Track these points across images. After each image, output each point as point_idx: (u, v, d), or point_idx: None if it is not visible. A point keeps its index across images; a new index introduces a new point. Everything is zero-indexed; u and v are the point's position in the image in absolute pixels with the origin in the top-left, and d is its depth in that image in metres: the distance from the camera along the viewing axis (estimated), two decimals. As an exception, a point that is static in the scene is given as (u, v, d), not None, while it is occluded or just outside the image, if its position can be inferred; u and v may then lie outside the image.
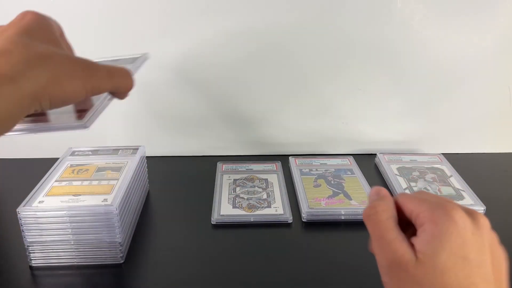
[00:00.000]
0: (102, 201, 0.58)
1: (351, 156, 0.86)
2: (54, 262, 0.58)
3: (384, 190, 0.38)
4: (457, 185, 0.76)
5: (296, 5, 0.78)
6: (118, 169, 0.66)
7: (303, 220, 0.68)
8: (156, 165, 0.84)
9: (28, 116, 0.32)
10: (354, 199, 0.71)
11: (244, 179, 0.78)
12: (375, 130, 0.90)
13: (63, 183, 0.62)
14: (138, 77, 0.83)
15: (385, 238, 0.34)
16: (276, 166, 0.83)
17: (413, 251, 0.32)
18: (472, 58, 0.83)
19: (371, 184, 0.76)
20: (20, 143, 0.88)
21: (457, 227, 0.31)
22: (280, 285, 0.56)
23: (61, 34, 0.38)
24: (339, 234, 0.66)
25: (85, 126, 0.36)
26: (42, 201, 0.57)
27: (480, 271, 0.30)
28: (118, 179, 0.63)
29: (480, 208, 0.70)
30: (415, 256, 0.32)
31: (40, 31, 0.34)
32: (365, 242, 0.64)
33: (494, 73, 0.86)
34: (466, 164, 0.84)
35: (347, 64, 0.84)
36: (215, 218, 0.67)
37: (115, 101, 0.42)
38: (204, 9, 0.79)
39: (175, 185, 0.80)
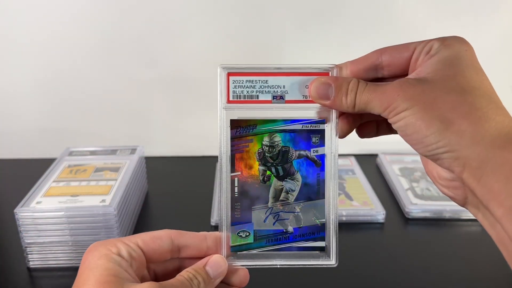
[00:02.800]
0: (100, 202, 0.57)
1: (352, 156, 0.85)
2: (52, 263, 0.57)
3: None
4: (459, 186, 0.75)
5: (296, 7, 0.78)
6: (116, 170, 0.66)
7: (304, 221, 0.68)
8: (155, 165, 0.83)
9: None
10: (356, 199, 0.71)
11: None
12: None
13: (61, 184, 0.62)
14: (137, 76, 0.83)
15: (370, 85, 0.32)
16: (277, 166, 0.82)
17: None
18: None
19: (372, 184, 0.75)
20: (17, 144, 0.88)
21: (470, 46, 0.32)
22: (282, 286, 0.55)
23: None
24: (340, 235, 0.65)
25: None
26: (40, 202, 0.57)
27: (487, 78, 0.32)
28: (116, 180, 0.63)
29: (483, 208, 0.69)
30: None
31: None
32: (367, 244, 0.64)
33: (496, 73, 0.85)
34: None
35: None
36: (214, 219, 0.67)
37: (112, 100, 0.40)
38: (208, 10, 0.78)
39: (174, 185, 0.79)
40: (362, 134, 0.38)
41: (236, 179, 0.35)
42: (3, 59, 0.81)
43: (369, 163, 0.85)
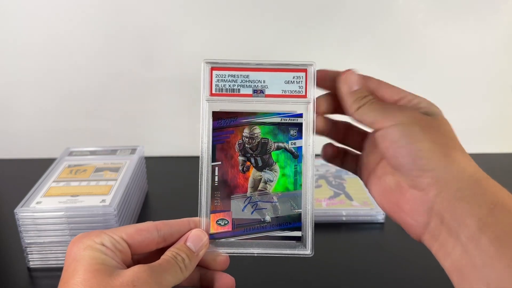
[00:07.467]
0: (100, 202, 0.57)
1: (352, 156, 0.85)
2: (52, 263, 0.57)
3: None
4: (459, 186, 0.75)
5: (296, 7, 0.78)
6: (116, 170, 0.66)
7: (304, 221, 0.68)
8: (155, 165, 0.83)
9: None
10: (356, 199, 0.71)
11: (244, 180, 0.77)
12: (376, 130, 0.89)
13: (61, 184, 0.62)
14: (137, 76, 0.83)
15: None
16: (277, 166, 0.82)
17: None
18: (475, 57, 0.83)
19: (372, 184, 0.75)
20: (17, 144, 0.88)
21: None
22: (281, 286, 0.55)
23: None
24: (341, 236, 0.65)
25: None
26: (40, 202, 0.57)
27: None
28: (116, 180, 0.63)
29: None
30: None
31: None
32: (367, 244, 0.64)
33: (497, 72, 0.85)
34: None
35: (348, 62, 0.83)
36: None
37: (112, 100, 0.41)
38: (208, 11, 0.78)
39: (174, 185, 0.79)
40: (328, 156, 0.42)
41: (216, 168, 0.37)
42: (3, 59, 0.81)
43: (369, 163, 0.85)
